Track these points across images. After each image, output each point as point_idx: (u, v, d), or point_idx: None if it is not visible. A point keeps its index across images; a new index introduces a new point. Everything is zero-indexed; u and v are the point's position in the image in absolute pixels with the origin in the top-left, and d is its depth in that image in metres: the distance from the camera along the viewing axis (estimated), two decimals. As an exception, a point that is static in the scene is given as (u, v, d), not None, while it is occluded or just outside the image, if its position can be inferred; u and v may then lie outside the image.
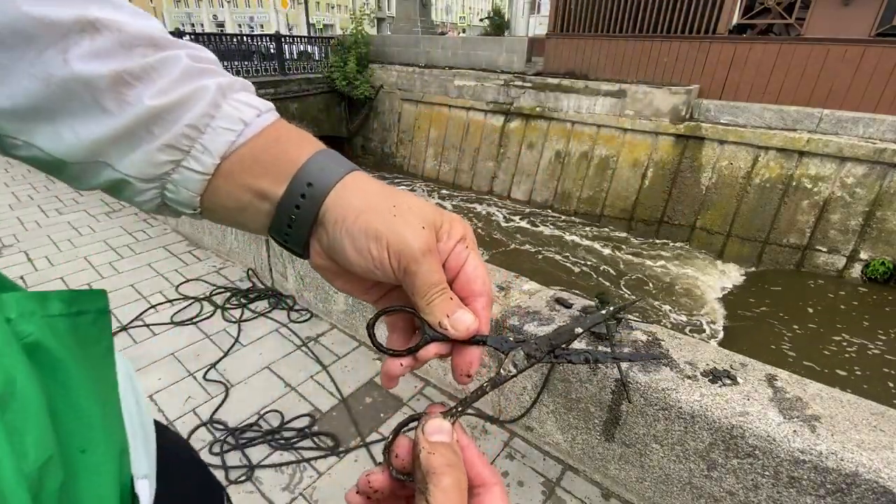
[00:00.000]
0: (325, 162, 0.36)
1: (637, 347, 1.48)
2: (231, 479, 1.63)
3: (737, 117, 7.62)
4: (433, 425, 0.31)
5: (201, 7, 50.07)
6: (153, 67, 0.33)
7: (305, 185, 0.35)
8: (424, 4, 14.63)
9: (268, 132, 0.37)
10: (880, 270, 6.63)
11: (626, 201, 8.69)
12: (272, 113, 0.39)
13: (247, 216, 0.38)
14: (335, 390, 2.05)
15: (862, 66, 7.01)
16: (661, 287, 7.29)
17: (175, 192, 0.36)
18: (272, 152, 0.36)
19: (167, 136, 0.34)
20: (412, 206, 0.35)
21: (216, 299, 2.68)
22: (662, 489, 1.48)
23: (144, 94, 0.32)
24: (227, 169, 0.36)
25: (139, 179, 0.35)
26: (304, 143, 0.38)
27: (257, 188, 0.36)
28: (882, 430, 1.14)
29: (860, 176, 6.70)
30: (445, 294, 0.34)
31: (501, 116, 10.14)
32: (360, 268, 0.35)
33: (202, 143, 0.35)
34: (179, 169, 0.35)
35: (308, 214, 0.35)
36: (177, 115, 0.34)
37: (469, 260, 0.36)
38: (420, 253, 0.33)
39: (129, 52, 0.32)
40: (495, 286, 1.82)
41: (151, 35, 0.33)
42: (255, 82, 10.19)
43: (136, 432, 0.45)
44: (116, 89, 0.31)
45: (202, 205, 0.37)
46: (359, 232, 0.33)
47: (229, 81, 0.37)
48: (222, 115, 0.35)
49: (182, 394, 2.01)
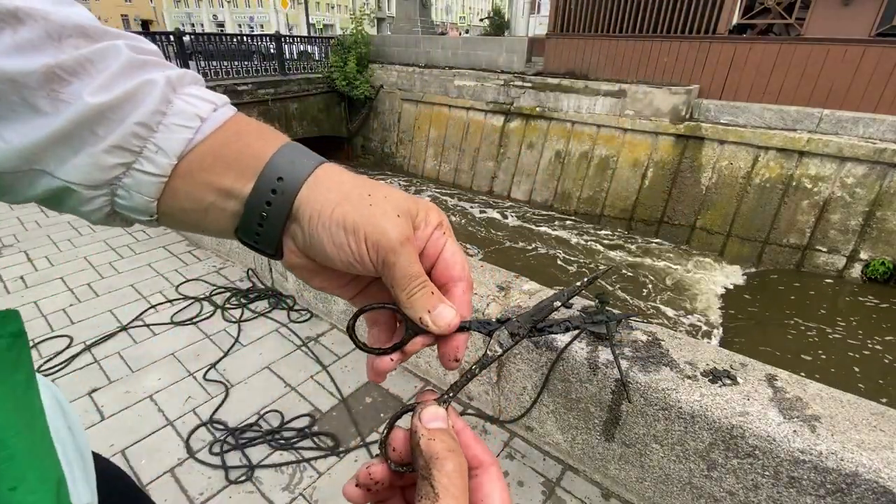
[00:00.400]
0: (294, 155, 0.34)
1: (637, 347, 1.48)
2: (231, 479, 1.63)
3: (737, 117, 7.62)
4: (430, 413, 0.31)
5: (201, 7, 50.08)
6: (89, 60, 0.30)
7: (275, 179, 0.33)
8: (424, 4, 14.63)
9: (227, 127, 0.35)
10: (880, 270, 6.63)
11: (626, 201, 8.69)
12: (229, 107, 0.36)
13: (210, 217, 0.35)
14: (335, 390, 2.05)
15: (862, 66, 7.01)
16: (661, 287, 7.29)
17: (127, 197, 0.33)
18: (234, 147, 0.34)
19: (114, 137, 0.30)
20: (387, 195, 0.34)
21: (216, 299, 2.68)
22: (662, 489, 1.48)
23: (83, 91, 0.29)
24: (185, 168, 0.33)
25: (85, 186, 0.31)
26: (268, 136, 0.36)
27: (221, 186, 0.33)
28: (882, 430, 1.14)
29: (860, 176, 6.70)
30: (426, 288, 0.34)
31: (501, 116, 10.15)
32: (340, 262, 0.33)
33: (155, 143, 0.32)
34: (131, 172, 0.32)
35: (280, 211, 0.33)
36: (123, 112, 0.31)
37: (447, 246, 0.36)
38: (398, 243, 0.32)
39: (59, 44, 0.28)
40: (495, 286, 1.82)
41: (81, 24, 0.30)
42: (255, 82, 10.29)
43: (72, 461, 0.43)
44: (49, 86, 0.28)
45: (159, 210, 0.34)
46: (336, 226, 0.32)
47: (178, 74, 0.34)
48: (175, 112, 0.33)
49: (182, 394, 2.01)
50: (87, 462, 0.48)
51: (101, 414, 1.89)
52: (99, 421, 1.86)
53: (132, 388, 2.03)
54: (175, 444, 1.76)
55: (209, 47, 10.43)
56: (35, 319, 2.47)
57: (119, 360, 2.19)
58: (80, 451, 0.47)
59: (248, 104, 10.13)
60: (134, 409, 1.93)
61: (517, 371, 1.72)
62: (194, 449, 1.74)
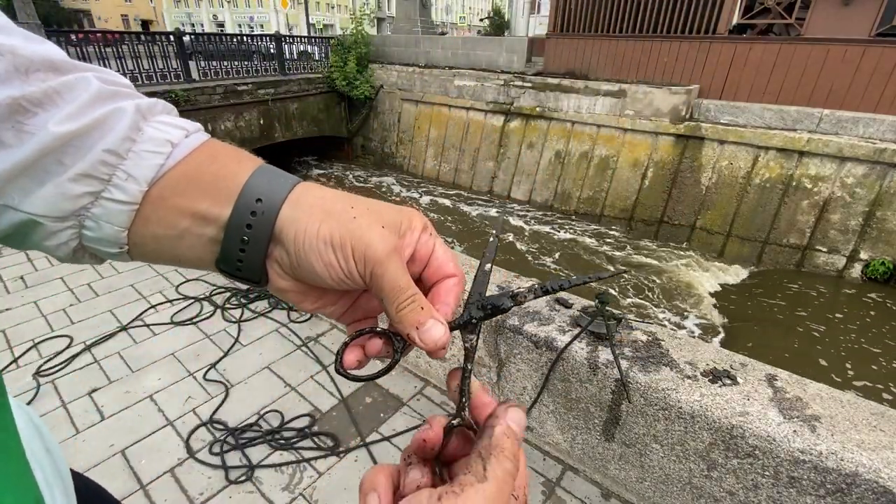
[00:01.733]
0: (270, 175, 0.34)
1: (637, 347, 1.48)
2: (231, 479, 1.63)
3: (737, 117, 7.62)
4: (520, 417, 0.31)
5: (201, 7, 50.08)
6: (56, 92, 0.29)
7: (254, 201, 0.32)
8: (424, 4, 14.63)
9: (200, 151, 0.34)
10: (880, 270, 6.63)
11: (626, 201, 8.69)
12: (202, 133, 0.36)
13: (184, 245, 0.34)
14: (335, 390, 2.05)
15: (862, 66, 7.01)
16: (661, 287, 7.29)
17: (96, 229, 0.32)
18: (209, 171, 0.33)
19: (82, 165, 0.30)
20: (370, 207, 0.34)
21: (216, 299, 2.68)
22: (662, 489, 1.48)
23: (49, 121, 0.29)
24: (156, 195, 0.32)
25: (51, 218, 0.30)
26: (243, 159, 0.35)
27: (195, 211, 0.33)
28: (882, 430, 1.14)
29: (860, 176, 6.70)
30: (415, 303, 0.33)
31: (501, 116, 10.15)
32: (330, 280, 0.33)
33: (125, 170, 0.31)
34: (100, 201, 0.31)
35: (262, 233, 0.32)
36: (91, 140, 0.30)
37: (436, 247, 0.37)
38: (385, 255, 0.32)
39: (25, 77, 0.28)
40: (495, 286, 1.82)
41: (50, 58, 0.30)
42: (254, 82, 10.28)
43: (50, 480, 0.43)
44: (13, 118, 0.28)
45: (130, 240, 0.33)
46: (323, 243, 0.32)
47: (149, 103, 0.34)
48: (146, 139, 0.32)
49: (182, 394, 2.01)
50: (67, 482, 0.48)
51: (101, 414, 1.89)
52: (99, 421, 1.86)
53: (132, 388, 2.03)
54: (175, 444, 1.76)
55: (209, 47, 10.43)
56: (35, 319, 2.47)
57: (119, 360, 2.20)
58: (59, 471, 0.47)
59: (248, 104, 10.13)
60: (134, 409, 1.93)
61: (517, 371, 1.72)
62: (194, 449, 1.74)
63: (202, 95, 9.29)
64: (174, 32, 9.42)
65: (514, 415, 0.30)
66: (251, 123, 10.29)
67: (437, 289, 0.37)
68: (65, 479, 0.47)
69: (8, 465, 0.30)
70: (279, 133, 11.07)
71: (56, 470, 0.46)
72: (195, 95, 9.13)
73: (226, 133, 9.75)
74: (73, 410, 1.90)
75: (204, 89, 9.31)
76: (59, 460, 0.48)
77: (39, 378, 2.05)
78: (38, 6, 17.57)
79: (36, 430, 0.47)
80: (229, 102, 9.76)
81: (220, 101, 9.59)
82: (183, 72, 9.40)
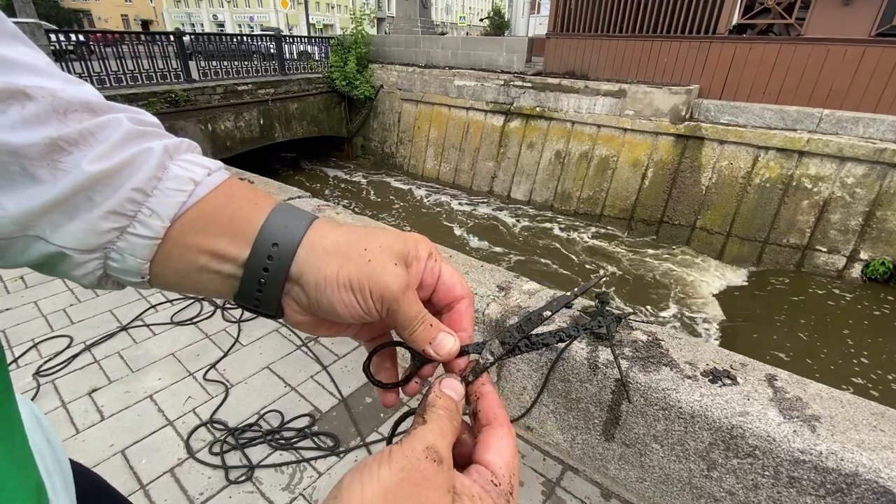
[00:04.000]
0: (286, 219, 0.36)
1: (637, 347, 1.48)
2: (231, 479, 1.63)
3: (737, 117, 7.62)
4: (449, 382, 0.37)
5: (201, 7, 50.09)
6: (90, 132, 0.31)
7: (270, 245, 0.34)
8: (424, 4, 14.62)
9: (220, 191, 0.36)
10: (880, 270, 6.63)
11: (625, 201, 8.69)
12: (222, 171, 0.38)
13: (203, 278, 0.36)
14: (335, 390, 2.05)
15: (862, 66, 7.02)
16: (661, 287, 7.29)
17: (120, 260, 0.33)
18: (227, 211, 0.35)
19: (110, 203, 0.31)
20: (381, 244, 0.36)
21: (216, 299, 2.68)
22: (662, 489, 1.48)
23: (83, 160, 0.30)
24: (177, 231, 0.34)
25: (79, 251, 0.32)
26: (259, 200, 0.37)
27: (214, 249, 0.35)
28: (882, 430, 1.14)
29: (860, 176, 6.70)
30: (425, 323, 0.37)
31: (501, 116, 10.15)
32: (350, 318, 0.36)
33: (149, 207, 0.33)
34: (125, 236, 0.33)
35: (278, 275, 0.35)
36: (120, 179, 0.32)
37: (443, 271, 0.40)
38: (400, 292, 0.35)
39: (63, 118, 0.30)
40: (495, 286, 1.82)
41: (87, 100, 0.32)
42: (255, 82, 10.28)
43: (51, 470, 0.45)
44: (50, 157, 0.29)
45: (151, 271, 0.35)
46: (343, 288, 0.34)
47: (175, 143, 0.36)
48: (170, 177, 0.34)
49: (182, 394, 2.01)
50: (66, 472, 0.49)
51: (101, 414, 1.89)
52: (99, 421, 1.86)
53: (132, 388, 2.03)
54: (175, 444, 1.76)
55: (209, 47, 10.43)
56: (35, 319, 2.47)
57: (119, 360, 2.19)
58: (59, 462, 0.48)
59: (247, 104, 10.13)
60: (134, 409, 1.93)
61: (517, 371, 1.72)
62: (194, 449, 1.74)
63: (202, 95, 9.28)
64: (174, 32, 9.43)
65: (446, 382, 0.36)
66: (251, 123, 10.28)
67: (451, 315, 0.41)
68: (64, 469, 0.49)
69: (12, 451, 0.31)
70: (279, 133, 11.07)
71: (57, 460, 0.47)
72: (195, 95, 9.13)
73: (226, 133, 9.75)
74: (73, 410, 1.90)
75: (204, 89, 9.31)
76: (60, 451, 0.50)
77: (39, 378, 2.05)
78: (38, 6, 17.54)
79: (38, 422, 0.48)
80: (229, 102, 9.76)
81: (220, 101, 9.58)
82: (183, 72, 9.40)
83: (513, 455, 0.34)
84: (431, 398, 0.34)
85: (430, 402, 0.34)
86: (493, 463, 0.33)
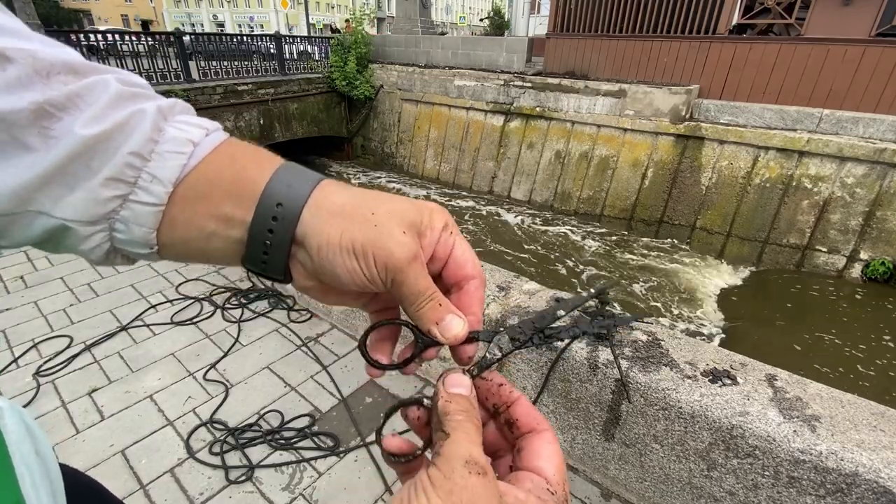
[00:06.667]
0: (290, 178, 0.34)
1: (637, 347, 1.48)
2: (231, 479, 1.63)
3: (737, 117, 7.62)
4: (453, 378, 0.33)
5: (201, 7, 50.09)
6: (78, 95, 0.29)
7: (275, 206, 0.33)
8: (424, 4, 14.61)
9: (220, 151, 0.34)
10: (880, 270, 6.63)
11: (625, 201, 8.69)
12: (220, 132, 0.36)
13: (213, 245, 0.34)
14: (335, 390, 2.05)
15: (862, 66, 7.01)
16: (661, 287, 7.29)
17: (126, 231, 0.32)
18: (229, 172, 0.34)
19: (108, 169, 0.30)
20: (391, 209, 0.34)
21: (216, 299, 2.68)
22: (662, 489, 1.48)
23: (74, 124, 0.29)
24: (181, 196, 0.33)
25: (82, 223, 0.31)
26: (262, 159, 0.35)
27: (220, 213, 0.33)
28: (882, 430, 1.14)
29: (860, 176, 6.70)
30: (434, 301, 0.34)
31: (501, 116, 10.15)
32: (353, 285, 0.34)
33: (149, 172, 0.31)
34: (128, 204, 0.31)
35: (284, 237, 0.33)
36: (116, 143, 0.30)
37: (456, 245, 0.37)
38: (406, 262, 0.33)
39: (47, 81, 0.28)
40: (495, 286, 1.82)
41: (68, 61, 0.30)
42: (255, 82, 10.28)
43: (38, 483, 0.43)
44: (39, 123, 0.28)
45: (159, 241, 0.34)
46: (346, 252, 0.32)
47: (169, 104, 0.34)
48: (167, 139, 0.32)
49: (182, 394, 2.01)
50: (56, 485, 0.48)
51: (101, 414, 1.89)
52: (99, 421, 1.86)
53: (132, 388, 2.03)
54: (175, 444, 1.76)
55: (209, 47, 10.42)
56: (35, 319, 2.47)
57: (119, 360, 2.19)
58: (49, 473, 0.47)
59: (248, 104, 10.13)
60: (134, 409, 1.93)
61: (517, 371, 1.72)
62: (194, 449, 1.74)
63: (202, 95, 9.28)
64: (174, 32, 9.43)
65: (450, 380, 0.33)
66: (251, 123, 10.28)
67: (459, 296, 0.37)
68: (54, 481, 0.47)
69: None
70: (279, 133, 11.07)
71: (45, 472, 0.46)
72: (195, 95, 9.13)
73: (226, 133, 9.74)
74: (73, 410, 1.90)
75: (204, 89, 9.31)
76: (50, 462, 0.48)
77: (39, 378, 2.05)
78: (38, 6, 17.55)
79: (27, 431, 0.47)
80: (229, 102, 9.76)
81: (220, 101, 9.58)
82: (183, 72, 9.40)
83: (562, 460, 0.32)
84: (443, 405, 0.31)
85: (442, 410, 0.31)
86: (546, 470, 0.31)
